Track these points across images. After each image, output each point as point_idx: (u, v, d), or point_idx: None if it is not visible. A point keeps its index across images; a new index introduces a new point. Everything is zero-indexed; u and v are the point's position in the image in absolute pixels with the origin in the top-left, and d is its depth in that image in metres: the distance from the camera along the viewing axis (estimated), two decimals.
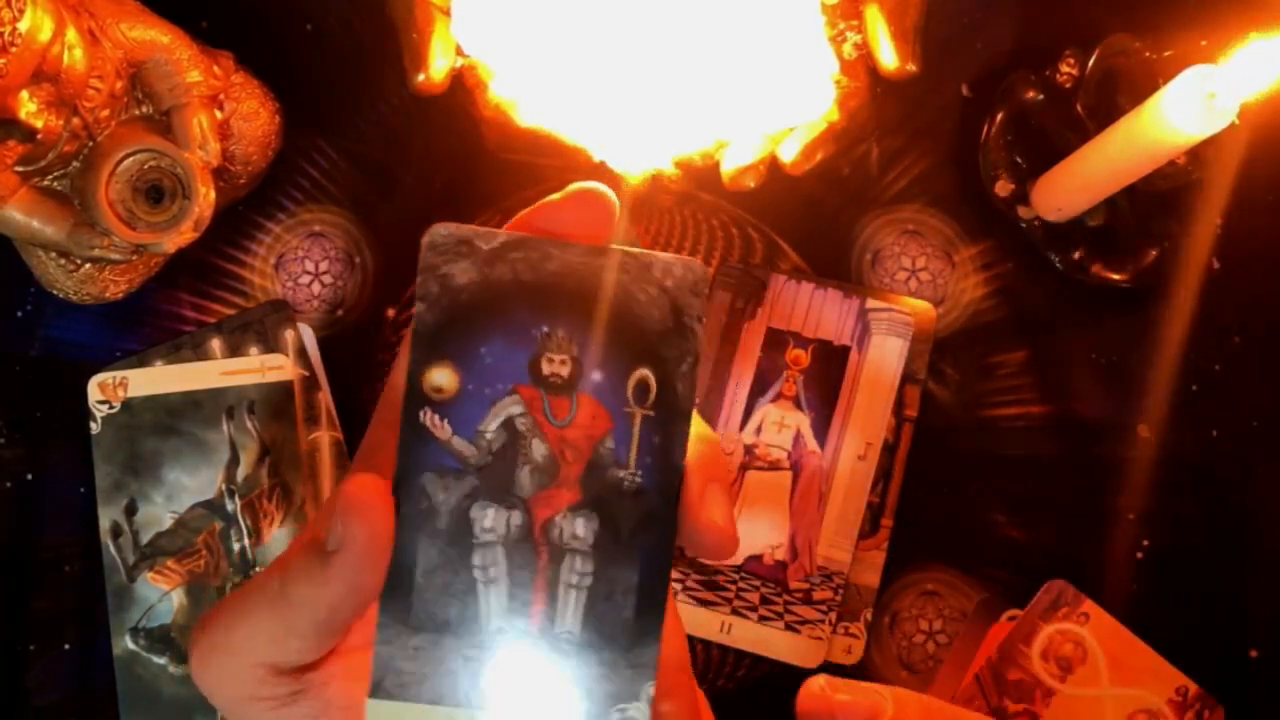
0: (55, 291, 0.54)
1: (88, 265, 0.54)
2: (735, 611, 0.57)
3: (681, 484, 0.28)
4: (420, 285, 0.27)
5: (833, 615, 0.57)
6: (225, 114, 0.54)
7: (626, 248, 0.28)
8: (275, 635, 0.26)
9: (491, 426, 0.27)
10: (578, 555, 0.27)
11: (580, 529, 0.27)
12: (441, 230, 0.27)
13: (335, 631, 0.27)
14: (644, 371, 0.28)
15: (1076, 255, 0.56)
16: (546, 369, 0.27)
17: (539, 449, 0.27)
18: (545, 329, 0.27)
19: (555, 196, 0.29)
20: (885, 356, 0.57)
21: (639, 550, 0.27)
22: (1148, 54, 0.54)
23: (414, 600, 0.27)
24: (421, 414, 0.27)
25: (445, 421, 0.27)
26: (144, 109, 0.52)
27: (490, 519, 0.27)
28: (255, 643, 0.27)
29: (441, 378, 0.27)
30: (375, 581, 0.26)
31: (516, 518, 0.27)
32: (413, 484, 0.27)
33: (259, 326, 0.58)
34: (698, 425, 0.28)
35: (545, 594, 0.27)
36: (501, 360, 0.27)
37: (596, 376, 0.27)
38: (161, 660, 0.55)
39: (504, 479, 0.27)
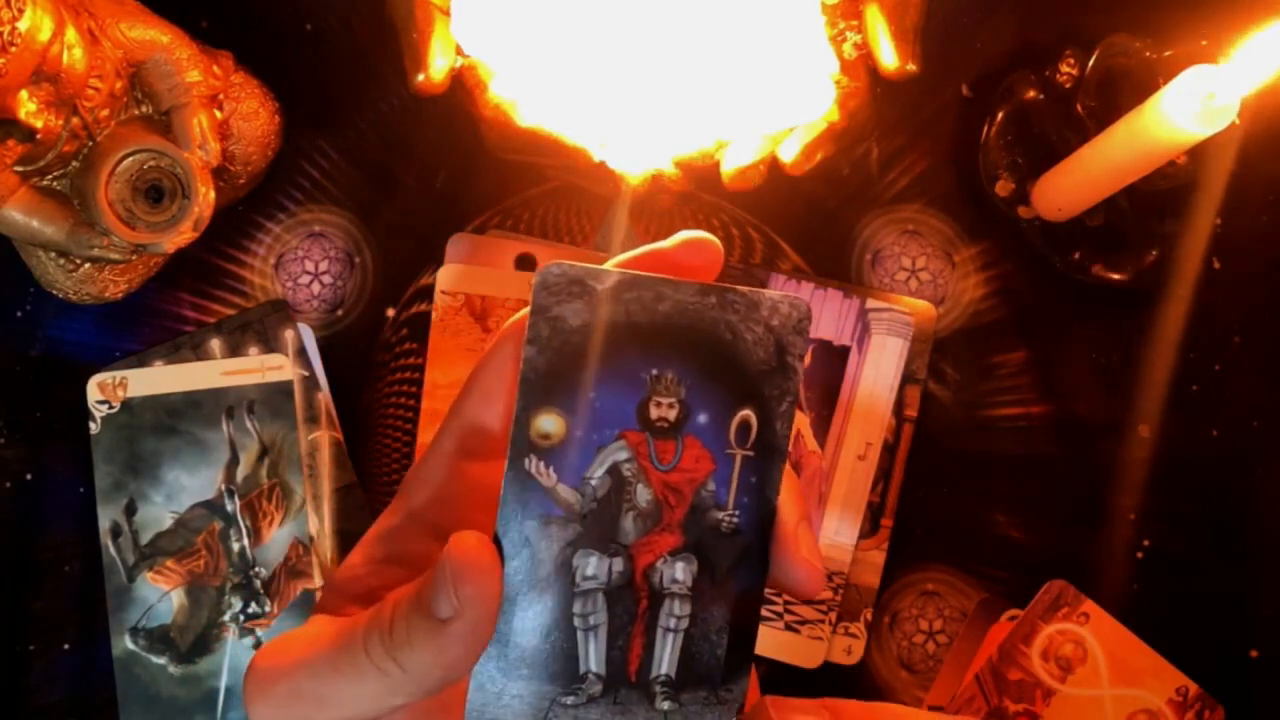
0: (55, 291, 0.54)
1: (87, 265, 0.54)
2: None
3: (774, 521, 0.27)
4: (531, 328, 0.26)
5: (833, 615, 0.57)
6: (225, 114, 0.54)
7: (737, 287, 0.27)
8: (379, 696, 0.25)
9: (597, 474, 0.27)
10: (677, 599, 0.27)
11: (680, 573, 0.27)
12: (555, 269, 0.26)
13: (448, 686, 0.26)
14: (746, 412, 0.27)
15: (1076, 255, 0.56)
16: (654, 413, 0.27)
17: (643, 495, 0.27)
18: (655, 372, 0.27)
19: (665, 244, 0.29)
20: (885, 356, 0.57)
21: (733, 589, 0.27)
22: (1148, 54, 0.54)
23: (510, 649, 0.26)
24: (527, 461, 0.26)
25: (551, 469, 0.26)
26: (144, 109, 0.52)
27: (592, 567, 0.27)
28: (352, 701, 0.26)
29: (549, 424, 0.26)
30: (488, 639, 0.26)
31: (618, 564, 0.27)
32: (514, 531, 0.26)
33: (259, 326, 0.57)
34: None
35: (643, 640, 0.27)
36: (610, 405, 0.27)
37: (702, 419, 0.27)
38: (161, 660, 0.55)
39: (607, 526, 0.27)
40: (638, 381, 0.27)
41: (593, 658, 0.27)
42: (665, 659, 0.27)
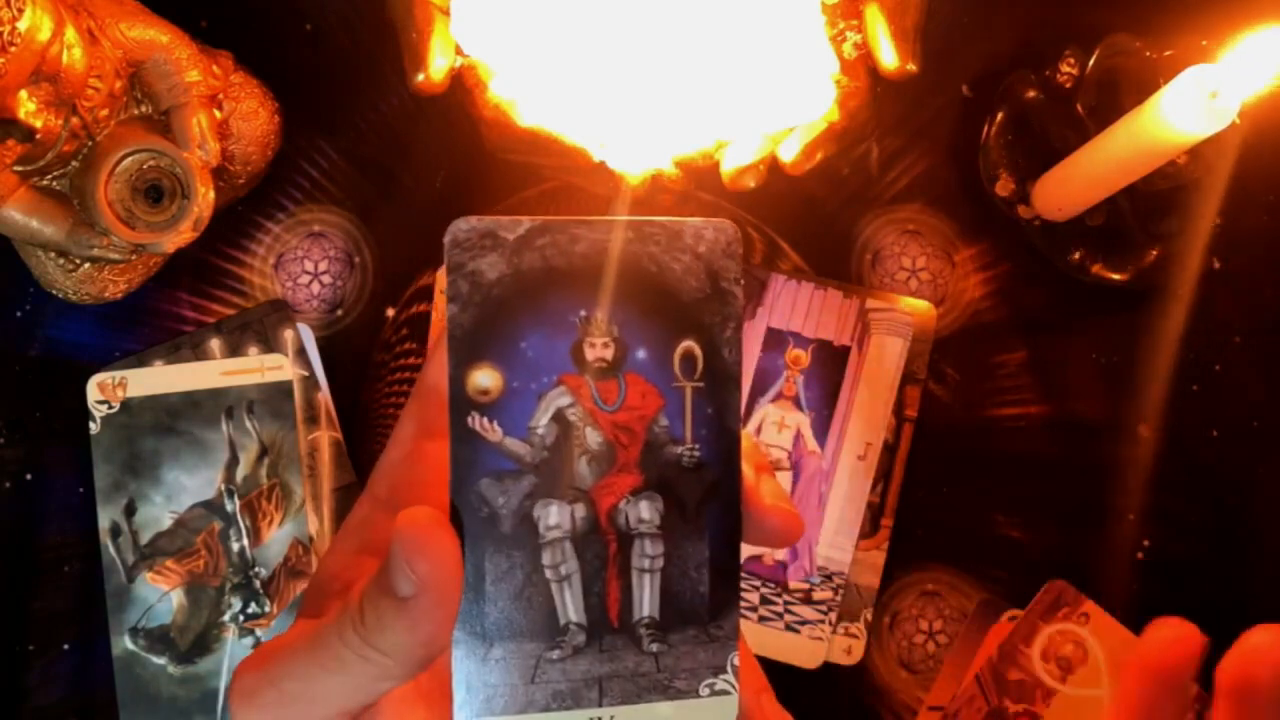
0: (54, 291, 0.54)
1: (87, 265, 0.54)
2: None
3: (739, 450, 0.27)
4: (450, 286, 0.26)
5: (833, 615, 0.57)
6: (224, 114, 0.54)
7: (655, 218, 0.27)
8: (367, 683, 0.25)
9: (542, 421, 0.26)
10: (646, 539, 0.27)
11: (646, 511, 0.27)
12: (464, 225, 0.26)
13: (432, 661, 0.26)
14: (688, 343, 0.27)
15: (1076, 255, 0.56)
16: (590, 354, 0.27)
17: (593, 437, 0.27)
18: (583, 313, 0.26)
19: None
20: (885, 356, 0.57)
21: (707, 523, 0.27)
22: (1148, 54, 0.54)
23: (487, 610, 0.26)
24: (469, 419, 0.26)
25: (495, 423, 0.26)
26: (143, 109, 0.52)
27: (554, 516, 0.26)
28: (341, 693, 0.26)
29: (485, 379, 0.26)
30: (456, 607, 0.25)
31: (580, 510, 0.27)
32: (469, 492, 0.26)
33: (258, 326, 0.57)
34: None
35: (619, 583, 0.27)
36: (543, 352, 0.26)
37: (641, 355, 0.27)
38: (161, 660, 0.55)
39: (562, 473, 0.27)
40: (567, 325, 0.26)
41: (571, 608, 0.27)
42: (646, 600, 0.27)
